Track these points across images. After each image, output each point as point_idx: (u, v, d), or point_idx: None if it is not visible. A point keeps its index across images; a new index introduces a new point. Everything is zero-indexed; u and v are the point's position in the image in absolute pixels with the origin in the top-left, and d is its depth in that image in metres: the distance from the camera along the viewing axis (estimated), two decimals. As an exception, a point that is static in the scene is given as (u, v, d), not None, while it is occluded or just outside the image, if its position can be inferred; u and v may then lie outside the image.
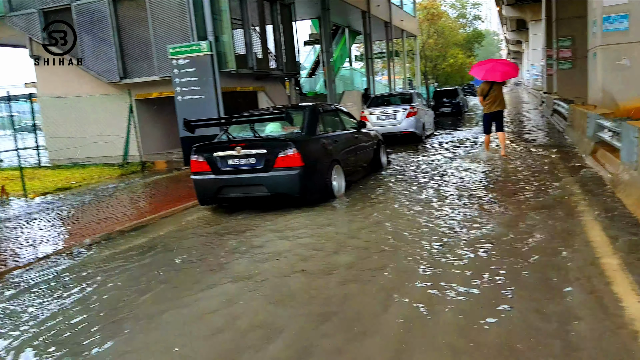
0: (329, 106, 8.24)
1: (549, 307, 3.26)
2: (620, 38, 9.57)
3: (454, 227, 5.29)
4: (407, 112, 13.17)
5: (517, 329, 3.03)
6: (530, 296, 3.45)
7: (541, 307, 3.27)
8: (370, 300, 3.65)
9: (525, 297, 3.44)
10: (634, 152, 5.70)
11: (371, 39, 24.64)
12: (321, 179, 6.83)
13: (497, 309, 3.31)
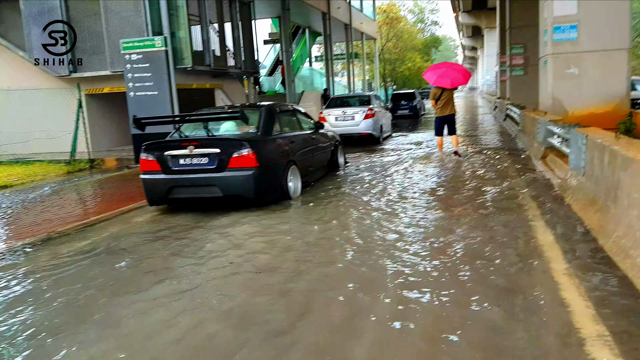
0: (286, 106, 8.13)
1: (497, 305, 3.26)
2: (570, 47, 9.87)
3: (404, 229, 5.31)
4: (365, 114, 13.22)
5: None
6: (476, 298, 3.45)
7: (489, 305, 3.27)
8: (317, 303, 3.57)
9: (469, 301, 3.43)
10: (582, 158, 5.85)
11: (331, 40, 24.68)
12: (276, 180, 6.71)
13: (442, 313, 3.29)
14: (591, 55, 9.73)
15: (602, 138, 5.21)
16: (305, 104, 20.28)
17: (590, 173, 5.47)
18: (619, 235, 4.16)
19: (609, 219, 4.53)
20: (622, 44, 9.56)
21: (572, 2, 9.52)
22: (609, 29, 9.55)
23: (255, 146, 6.34)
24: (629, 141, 4.74)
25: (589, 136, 5.61)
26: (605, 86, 9.74)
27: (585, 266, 3.92)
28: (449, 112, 10.32)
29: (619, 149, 4.45)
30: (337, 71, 39.76)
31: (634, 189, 4.01)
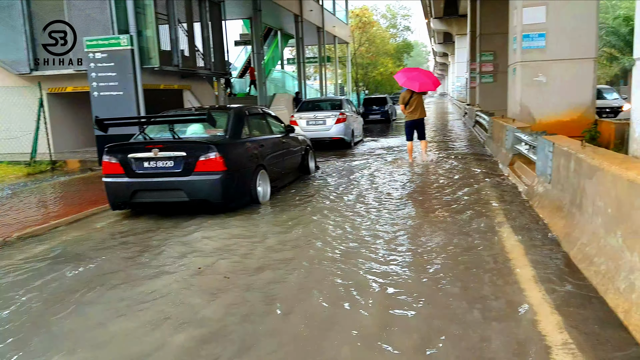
0: (256, 109, 8.00)
1: (462, 311, 3.23)
2: (538, 56, 10.05)
3: (373, 235, 5.27)
4: (337, 118, 13.18)
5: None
6: (443, 305, 3.41)
7: (456, 310, 3.23)
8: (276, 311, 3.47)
9: (437, 306, 3.39)
10: (548, 165, 5.90)
11: (303, 43, 24.62)
12: (245, 185, 6.58)
13: (410, 323, 3.23)
14: (559, 63, 9.93)
15: (568, 146, 5.26)
16: (277, 107, 20.15)
17: (557, 180, 5.52)
18: (583, 242, 4.19)
19: (574, 226, 4.56)
20: (588, 53, 9.78)
21: (541, 11, 9.70)
22: (576, 38, 9.77)
23: (223, 150, 6.20)
24: (594, 149, 4.79)
25: (556, 144, 5.66)
26: (572, 94, 9.95)
27: (551, 274, 3.93)
28: (418, 116, 10.34)
29: (585, 157, 4.49)
30: (309, 74, 39.75)
31: (599, 197, 4.04)
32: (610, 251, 3.66)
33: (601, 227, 3.95)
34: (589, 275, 3.75)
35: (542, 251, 4.46)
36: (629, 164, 3.79)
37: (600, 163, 4.08)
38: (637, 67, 4.12)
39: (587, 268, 3.84)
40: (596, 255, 3.84)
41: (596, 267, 3.73)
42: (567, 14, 9.71)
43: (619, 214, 3.60)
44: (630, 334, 2.90)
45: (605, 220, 3.87)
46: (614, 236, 3.66)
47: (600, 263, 3.70)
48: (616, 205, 3.66)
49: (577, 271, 3.92)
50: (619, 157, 4.27)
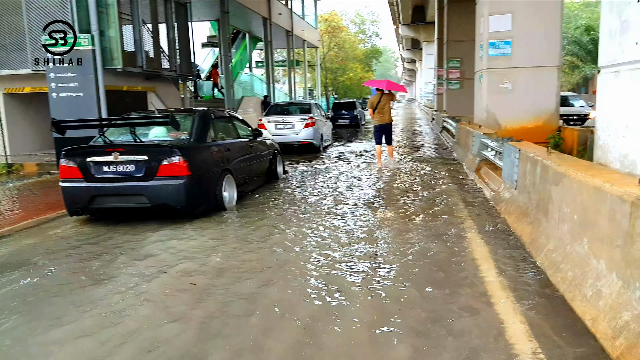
0: (222, 112, 7.82)
1: (431, 320, 3.16)
2: (504, 63, 10.20)
3: (341, 241, 5.18)
4: (306, 122, 13.08)
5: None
6: (411, 316, 3.33)
7: (423, 318, 3.16)
8: (249, 324, 3.33)
9: (405, 313, 3.31)
10: (515, 172, 5.94)
11: (272, 47, 24.48)
12: (210, 190, 6.40)
13: (374, 335, 3.15)
14: (524, 71, 10.09)
15: (534, 152, 5.29)
16: (245, 110, 19.94)
17: (523, 186, 5.55)
18: (550, 249, 4.19)
19: (541, 232, 4.57)
20: (553, 61, 9.98)
21: (507, 19, 9.84)
22: (541, 46, 9.95)
23: (186, 153, 6.01)
24: (560, 156, 4.83)
25: (522, 150, 5.70)
26: (537, 101, 10.13)
27: (519, 281, 3.90)
28: (386, 121, 10.63)
29: (551, 163, 4.50)
30: (278, 78, 39.62)
31: (565, 204, 4.05)
32: (576, 258, 3.66)
33: (567, 233, 3.96)
34: (556, 282, 3.74)
35: (509, 258, 4.44)
36: (595, 171, 3.81)
37: (566, 170, 4.09)
38: (602, 76, 4.16)
39: (554, 275, 3.84)
40: (563, 262, 3.84)
41: (563, 274, 3.72)
42: (532, 23, 9.89)
43: (585, 220, 3.60)
44: (598, 341, 2.88)
45: (572, 227, 3.87)
46: (580, 243, 3.66)
47: (567, 270, 3.70)
48: (582, 212, 3.67)
49: (544, 278, 3.91)
50: (584, 164, 4.31)
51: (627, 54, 3.65)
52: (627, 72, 3.70)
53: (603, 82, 4.17)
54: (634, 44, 3.51)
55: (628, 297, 2.81)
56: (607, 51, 4.07)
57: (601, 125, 4.25)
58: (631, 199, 2.87)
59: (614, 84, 3.96)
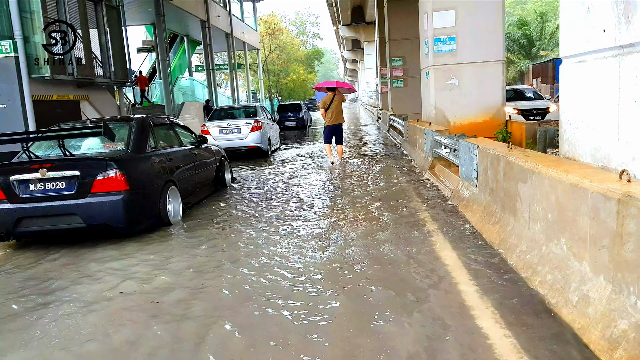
0: (162, 119, 7.25)
1: (404, 329, 2.85)
2: (450, 59, 10.15)
3: (295, 251, 4.84)
4: (252, 126, 12.61)
5: None
6: (380, 324, 3.01)
7: (396, 327, 2.84)
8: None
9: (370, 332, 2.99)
10: (474, 169, 5.77)
11: (212, 50, 23.75)
12: (152, 205, 5.86)
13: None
14: (469, 66, 10.07)
15: (495, 148, 5.12)
16: (186, 116, 19.19)
17: (484, 184, 5.37)
18: (523, 250, 3.99)
19: (510, 232, 4.37)
20: (497, 56, 10.01)
21: (450, 14, 9.78)
22: (485, 41, 9.96)
23: (124, 166, 5.46)
24: (524, 151, 4.66)
25: (481, 147, 5.53)
26: (483, 96, 10.14)
27: (495, 287, 3.67)
28: (338, 122, 10.66)
29: (516, 160, 4.31)
30: (220, 82, 38.73)
31: (536, 202, 3.85)
32: (554, 259, 3.46)
33: (541, 233, 3.76)
34: (535, 286, 3.52)
35: (480, 261, 4.21)
36: (566, 166, 3.62)
37: (535, 166, 3.89)
38: (565, 67, 4.01)
39: (532, 278, 3.62)
40: (539, 264, 3.63)
41: (541, 277, 3.51)
42: (475, 18, 9.89)
43: (562, 219, 3.40)
44: (593, 352, 2.65)
45: (545, 226, 3.67)
46: (557, 243, 3.46)
47: (546, 273, 3.49)
48: (557, 210, 3.47)
49: (521, 282, 3.69)
50: (551, 159, 4.14)
51: (594, 42, 3.49)
52: (595, 62, 3.55)
53: (567, 73, 4.01)
54: (601, 31, 3.34)
55: (622, 304, 2.60)
56: (570, 40, 3.91)
57: (567, 118, 4.09)
58: (617, 196, 2.66)
59: (580, 75, 3.81)
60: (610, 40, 3.23)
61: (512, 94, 15.87)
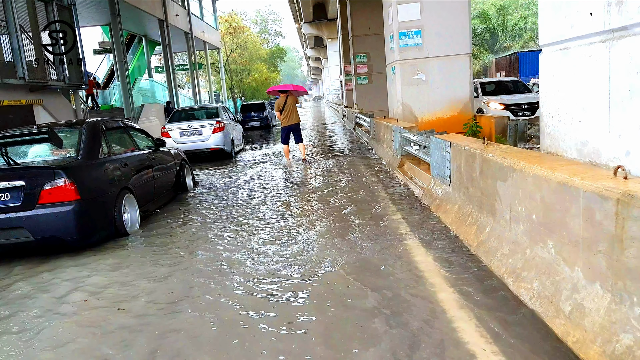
0: (116, 122, 6.77)
1: (382, 344, 2.57)
2: (416, 53, 9.95)
3: (256, 259, 4.53)
4: (214, 127, 12.13)
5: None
6: (358, 338, 2.72)
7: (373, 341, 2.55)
8: None
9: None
10: (446, 167, 5.54)
11: (171, 50, 23.02)
12: (106, 214, 5.41)
13: None
14: (436, 60, 9.90)
15: (469, 145, 4.90)
16: (147, 119, 18.50)
17: (459, 183, 5.15)
18: (504, 253, 3.76)
19: (489, 234, 4.15)
20: (464, 49, 9.87)
21: (415, 7, 9.58)
22: (451, 34, 9.80)
23: (74, 174, 5.00)
24: (501, 147, 4.44)
25: (454, 144, 5.30)
26: (451, 91, 9.99)
27: (477, 294, 3.42)
28: (293, 122, 10.77)
29: (494, 156, 4.09)
30: (182, 83, 37.83)
31: (518, 201, 3.63)
32: (541, 265, 3.23)
33: (524, 235, 3.54)
34: (520, 294, 3.29)
35: (459, 266, 3.96)
36: (551, 162, 3.40)
37: (516, 163, 3.67)
38: (545, 55, 3.78)
39: (516, 284, 3.39)
40: (524, 270, 3.40)
41: (527, 284, 3.28)
42: (440, 11, 9.71)
43: (549, 221, 3.17)
44: (594, 370, 2.42)
45: (529, 227, 3.45)
46: (543, 247, 3.24)
47: (532, 278, 3.26)
48: (543, 211, 3.25)
49: (504, 288, 3.45)
50: (532, 154, 3.92)
51: (578, 27, 3.27)
52: (580, 49, 3.33)
53: (547, 62, 3.79)
54: (587, 15, 3.12)
55: (624, 316, 2.37)
56: (551, 27, 3.69)
57: (548, 110, 3.88)
58: (615, 196, 2.43)
59: (563, 64, 3.59)
60: (599, 24, 3.02)
61: (495, 87, 14.86)
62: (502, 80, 16.32)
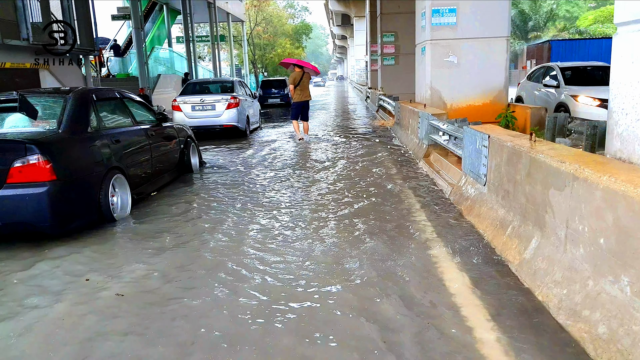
0: (110, 92, 6.08)
1: None
2: (449, 33, 9.07)
3: (266, 263, 3.82)
4: (228, 103, 11.41)
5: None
6: None
7: None
8: None
9: None
10: (482, 163, 4.76)
11: (192, 19, 22.29)
12: (89, 197, 4.77)
13: None
14: (471, 42, 9.03)
15: (512, 141, 4.10)
16: (163, 90, 17.94)
17: (497, 184, 4.37)
18: (556, 280, 3.01)
19: (535, 252, 3.38)
20: (501, 31, 8.96)
21: (451, -19, 8.66)
22: (488, 14, 8.90)
23: (50, 150, 4.35)
24: (555, 147, 3.63)
25: (493, 137, 4.51)
26: (485, 76, 9.13)
27: (524, 334, 2.68)
28: (306, 98, 10.81)
29: (547, 158, 3.30)
30: (203, 55, 37.12)
31: (578, 218, 2.86)
32: (610, 305, 2.48)
33: (585, 262, 2.78)
34: (580, 338, 2.55)
35: (498, 291, 3.22)
36: (630, 173, 2.62)
37: (578, 170, 2.89)
38: (622, 37, 2.97)
39: (575, 326, 2.65)
40: (585, 307, 2.65)
41: (590, 327, 2.53)
42: (479, -13, 8.78)
43: (624, 250, 2.42)
44: None
45: (594, 254, 2.69)
46: (614, 282, 2.48)
47: (597, 322, 2.51)
48: (616, 236, 2.48)
49: (558, 328, 2.71)
50: (596, 159, 3.12)
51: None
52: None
53: (625, 45, 2.98)
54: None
55: None
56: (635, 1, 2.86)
57: (621, 105, 3.08)
58: None
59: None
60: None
61: (579, 74, 10.37)
62: (588, 65, 11.28)
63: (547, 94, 10.26)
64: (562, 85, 9.77)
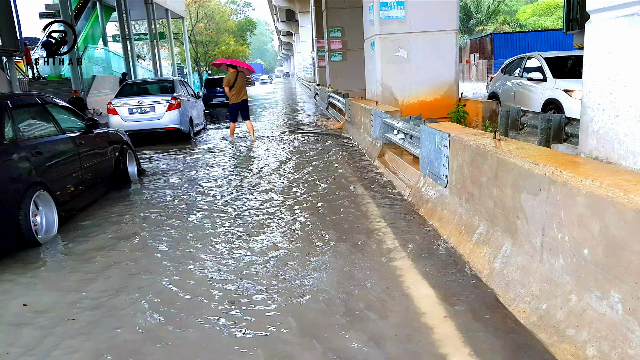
0: (30, 98, 5.43)
1: None
2: (398, 27, 8.84)
3: (205, 281, 3.36)
4: (169, 104, 10.74)
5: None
6: None
7: None
8: None
9: None
10: (443, 164, 4.49)
11: (128, 16, 21.22)
12: (6, 218, 4.16)
13: None
14: (421, 36, 8.83)
15: (476, 140, 3.84)
16: (99, 92, 16.94)
17: (459, 186, 4.11)
18: (533, 294, 2.75)
19: (506, 261, 3.12)
20: (450, 24, 8.81)
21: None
22: (436, 7, 8.74)
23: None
24: (522, 146, 3.38)
25: (454, 136, 4.24)
26: (436, 71, 8.96)
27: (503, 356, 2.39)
28: (241, 99, 10.61)
29: (517, 159, 3.04)
30: (143, 54, 35.67)
31: (557, 226, 2.60)
32: (598, 323, 2.23)
33: (566, 274, 2.53)
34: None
35: (470, 307, 2.93)
36: (614, 176, 2.37)
37: (555, 172, 2.63)
38: (596, 25, 2.73)
39: (559, 346, 2.38)
40: (570, 325, 2.39)
41: (577, 350, 2.27)
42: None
43: (613, 263, 2.17)
44: None
45: (577, 265, 2.43)
46: (602, 298, 2.23)
47: (584, 342, 2.26)
48: (604, 247, 2.23)
49: (540, 348, 2.44)
50: (571, 159, 2.87)
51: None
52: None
53: (600, 34, 2.74)
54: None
55: None
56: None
57: (597, 100, 2.85)
58: None
59: (628, 35, 2.54)
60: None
61: (565, 64, 8.83)
62: (573, 54, 9.27)
63: (531, 89, 8.58)
64: (550, 78, 8.29)
